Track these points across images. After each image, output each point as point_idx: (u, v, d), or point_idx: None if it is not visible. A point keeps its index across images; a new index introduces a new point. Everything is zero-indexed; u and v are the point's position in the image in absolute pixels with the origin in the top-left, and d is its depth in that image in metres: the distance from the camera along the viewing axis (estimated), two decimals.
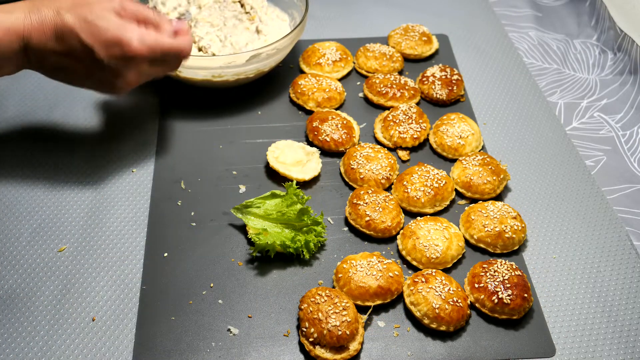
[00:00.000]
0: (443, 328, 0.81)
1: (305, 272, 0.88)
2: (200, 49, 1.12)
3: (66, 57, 0.83)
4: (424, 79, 1.16)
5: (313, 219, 0.88)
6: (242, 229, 0.93)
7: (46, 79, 0.89)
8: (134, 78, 0.87)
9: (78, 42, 0.81)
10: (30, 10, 0.81)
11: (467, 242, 0.92)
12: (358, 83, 1.19)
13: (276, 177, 0.99)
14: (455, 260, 0.89)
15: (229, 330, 0.81)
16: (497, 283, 0.83)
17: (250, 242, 0.91)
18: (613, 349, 0.81)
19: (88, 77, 0.87)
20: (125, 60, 0.83)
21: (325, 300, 0.80)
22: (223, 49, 1.12)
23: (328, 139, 1.03)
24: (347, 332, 0.77)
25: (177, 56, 0.88)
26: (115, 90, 0.89)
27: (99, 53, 0.82)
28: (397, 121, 1.06)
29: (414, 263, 0.89)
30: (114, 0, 0.84)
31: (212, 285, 0.86)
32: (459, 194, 0.99)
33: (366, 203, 0.92)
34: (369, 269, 0.84)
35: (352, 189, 0.99)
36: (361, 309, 0.83)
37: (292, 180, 0.95)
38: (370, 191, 0.94)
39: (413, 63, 1.23)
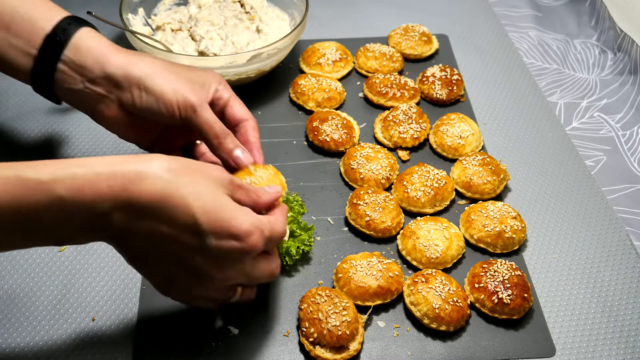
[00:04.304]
0: (443, 328, 0.81)
1: (305, 272, 0.88)
2: (201, 52, 1.12)
3: (157, 238, 0.63)
4: (424, 79, 1.16)
5: (303, 227, 0.87)
6: None
7: None
8: (233, 275, 0.67)
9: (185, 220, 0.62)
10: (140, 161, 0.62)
11: (467, 242, 0.92)
12: (358, 83, 1.19)
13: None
14: (455, 260, 0.89)
15: (229, 330, 0.81)
16: (497, 283, 0.83)
17: None
18: (613, 349, 0.81)
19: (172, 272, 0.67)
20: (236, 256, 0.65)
21: (325, 300, 0.80)
22: (224, 49, 1.12)
23: (328, 139, 1.03)
24: (347, 332, 0.77)
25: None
26: (206, 296, 0.70)
27: (210, 242, 0.63)
28: (397, 121, 1.06)
29: (414, 263, 0.89)
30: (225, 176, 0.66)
31: None
32: (459, 194, 0.99)
33: (366, 203, 0.92)
34: (369, 269, 0.84)
35: (352, 189, 0.99)
36: (361, 309, 0.83)
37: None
38: (370, 191, 0.94)
39: (413, 63, 1.23)
